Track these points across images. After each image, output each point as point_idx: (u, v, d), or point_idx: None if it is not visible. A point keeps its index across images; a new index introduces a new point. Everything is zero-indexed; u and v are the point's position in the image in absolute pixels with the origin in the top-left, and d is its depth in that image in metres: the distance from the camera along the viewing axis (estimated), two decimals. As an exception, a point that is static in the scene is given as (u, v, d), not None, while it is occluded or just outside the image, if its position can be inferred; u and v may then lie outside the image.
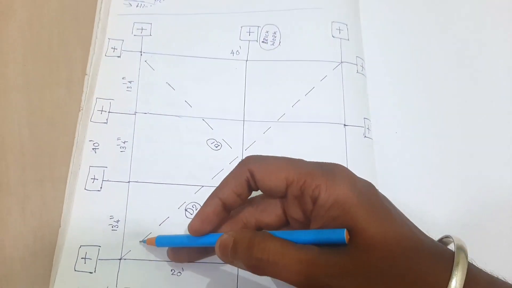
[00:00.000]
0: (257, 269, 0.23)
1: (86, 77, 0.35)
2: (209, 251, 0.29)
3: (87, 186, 0.31)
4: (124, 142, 0.33)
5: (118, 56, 0.36)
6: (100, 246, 0.30)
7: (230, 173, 0.26)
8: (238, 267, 0.28)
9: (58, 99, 0.35)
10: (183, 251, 0.29)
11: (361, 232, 0.22)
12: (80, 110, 0.34)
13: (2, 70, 0.35)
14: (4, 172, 0.32)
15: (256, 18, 0.37)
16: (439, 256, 0.22)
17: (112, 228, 0.30)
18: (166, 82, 0.35)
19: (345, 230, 0.22)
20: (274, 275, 0.23)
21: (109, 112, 0.34)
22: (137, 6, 0.37)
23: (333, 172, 0.24)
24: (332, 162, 0.25)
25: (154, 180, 0.32)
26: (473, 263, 0.22)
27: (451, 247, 0.22)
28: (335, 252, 0.22)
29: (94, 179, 0.32)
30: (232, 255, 0.24)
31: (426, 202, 0.33)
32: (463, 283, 0.20)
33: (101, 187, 0.31)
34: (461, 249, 0.21)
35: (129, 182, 0.32)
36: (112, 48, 0.36)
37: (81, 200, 0.31)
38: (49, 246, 0.30)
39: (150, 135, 0.33)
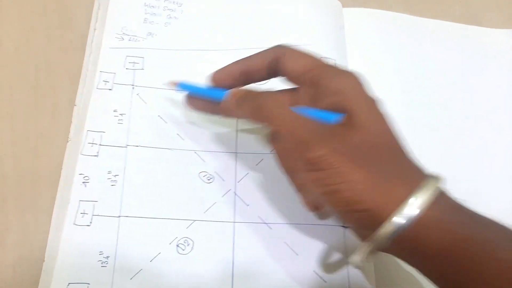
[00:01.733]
0: (257, 113, 0.27)
1: (75, 108, 0.35)
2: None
3: (76, 221, 0.31)
4: (115, 176, 0.32)
5: (109, 89, 0.35)
6: (89, 284, 0.29)
7: (261, 51, 0.30)
8: (238, 116, 0.31)
9: (43, 129, 0.34)
10: (199, 101, 0.32)
11: (356, 115, 0.25)
12: (68, 141, 0.34)
13: None
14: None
15: (247, 54, 0.38)
16: (416, 169, 0.25)
17: (102, 265, 0.30)
18: (158, 115, 0.35)
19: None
20: (269, 121, 0.26)
21: (100, 144, 0.33)
22: (129, 40, 0.38)
23: (345, 72, 0.28)
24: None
25: (145, 214, 0.31)
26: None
27: None
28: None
29: (83, 213, 0.31)
30: (239, 101, 0.28)
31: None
32: (425, 202, 0.22)
33: (90, 222, 0.31)
34: (435, 177, 0.24)
35: (119, 216, 0.31)
36: (104, 81, 0.36)
37: (70, 235, 0.30)
38: (30, 281, 0.29)
39: (142, 168, 0.33)
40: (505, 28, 0.43)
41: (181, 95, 0.36)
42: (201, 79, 0.37)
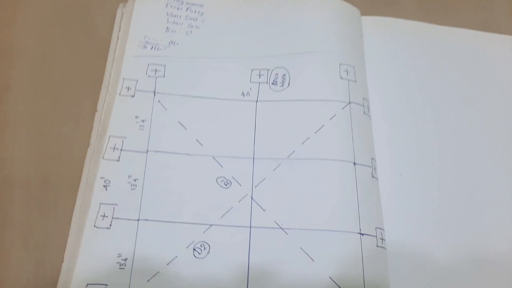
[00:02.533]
0: None
1: (97, 114, 0.36)
2: None
3: (96, 223, 0.31)
4: (135, 180, 0.33)
5: (132, 96, 0.36)
6: (107, 285, 0.29)
7: None
8: None
9: (66, 135, 0.36)
10: None
11: None
12: (89, 146, 0.35)
13: (13, 104, 0.37)
14: (9, 205, 0.33)
15: (266, 61, 0.38)
16: None
17: (120, 267, 0.30)
18: (178, 122, 0.36)
19: None
20: None
21: (121, 149, 0.34)
22: (151, 48, 0.39)
23: None
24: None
25: (164, 218, 0.32)
26: None
27: None
28: None
29: (104, 216, 0.32)
30: None
31: (429, 243, 0.33)
32: None
33: (110, 225, 0.31)
34: None
35: (138, 220, 0.32)
36: (126, 87, 0.37)
37: (90, 237, 0.31)
38: (50, 282, 0.30)
39: (161, 173, 0.34)
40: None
41: (201, 102, 0.36)
42: (219, 86, 0.37)
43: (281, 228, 0.32)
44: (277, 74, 0.37)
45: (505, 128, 0.38)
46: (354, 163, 0.33)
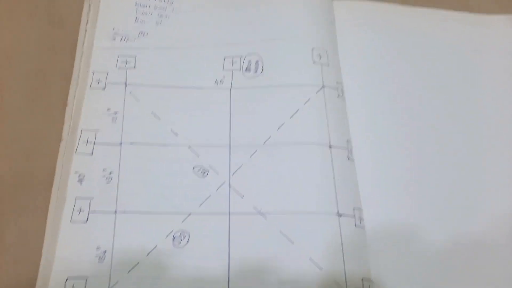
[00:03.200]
0: None
1: (68, 107, 0.35)
2: None
3: (73, 218, 0.31)
4: (110, 173, 0.33)
5: (103, 88, 0.36)
6: (87, 278, 0.29)
7: None
8: None
9: (37, 130, 0.35)
10: None
11: None
12: (61, 141, 0.34)
13: None
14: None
15: (239, 48, 0.38)
16: None
17: (100, 259, 0.30)
18: (152, 112, 0.35)
19: None
20: None
21: (94, 143, 0.34)
22: (121, 40, 0.38)
23: None
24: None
25: (141, 209, 0.32)
26: None
27: None
28: None
29: (80, 210, 0.31)
30: None
31: (407, 222, 0.33)
32: None
33: (87, 219, 0.31)
34: None
35: (115, 212, 0.31)
36: (96, 80, 0.36)
37: (67, 232, 0.30)
38: (30, 278, 0.29)
39: (136, 165, 0.33)
40: (497, 13, 0.43)
41: (174, 92, 0.36)
42: (192, 75, 0.37)
43: (260, 213, 0.32)
44: (250, 61, 0.37)
45: (481, 108, 0.39)
46: (330, 146, 0.34)
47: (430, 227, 0.33)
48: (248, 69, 0.37)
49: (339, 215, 0.32)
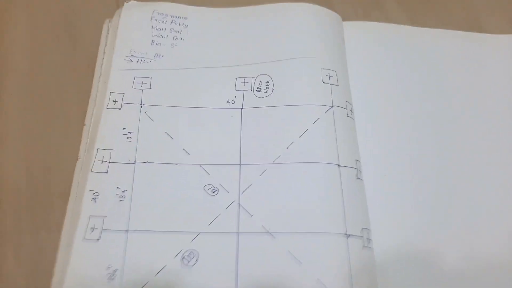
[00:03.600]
0: None
1: (85, 127, 0.37)
2: None
3: (86, 236, 0.32)
4: (123, 191, 0.34)
5: (119, 109, 0.37)
6: (97, 296, 0.30)
7: None
8: None
9: (55, 148, 0.36)
10: None
11: None
12: (78, 159, 0.35)
13: (3, 119, 0.37)
14: (1, 220, 0.33)
15: (250, 69, 0.39)
16: None
17: (110, 278, 0.30)
18: (165, 132, 0.36)
19: None
20: None
21: (109, 162, 0.35)
22: (137, 61, 0.39)
23: None
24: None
25: (152, 228, 0.32)
26: None
27: None
28: None
29: (93, 228, 0.32)
30: None
31: (416, 242, 0.33)
32: None
33: (100, 237, 0.32)
34: None
35: (127, 231, 0.32)
36: (113, 101, 0.37)
37: (79, 249, 0.31)
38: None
39: (149, 184, 0.34)
40: (510, 33, 0.43)
41: (186, 112, 0.37)
42: (205, 95, 0.38)
43: (268, 232, 0.32)
44: (261, 81, 0.38)
45: (489, 127, 0.38)
46: (339, 165, 0.34)
47: (441, 249, 0.33)
48: (259, 89, 0.38)
49: (347, 235, 0.32)
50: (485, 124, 0.38)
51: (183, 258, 0.31)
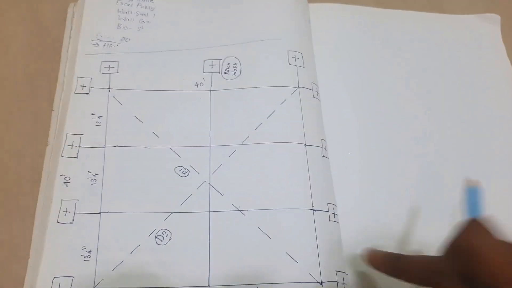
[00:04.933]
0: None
1: (53, 112, 0.37)
2: None
3: (59, 219, 0.32)
4: (94, 175, 0.34)
5: (87, 93, 0.37)
6: (73, 277, 0.30)
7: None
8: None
9: (24, 134, 0.36)
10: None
11: None
12: (47, 145, 0.35)
13: None
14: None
15: (218, 52, 0.40)
16: None
17: (85, 259, 0.31)
18: (134, 116, 0.36)
19: None
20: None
21: (79, 146, 0.35)
22: (104, 45, 0.39)
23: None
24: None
25: (125, 210, 0.33)
26: None
27: None
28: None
29: (66, 212, 0.32)
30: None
31: (380, 215, 0.35)
32: None
33: (73, 220, 0.32)
34: None
35: (100, 213, 0.33)
36: (81, 85, 0.37)
37: (54, 232, 0.32)
38: (18, 277, 0.31)
39: (120, 167, 0.34)
40: (469, 13, 0.45)
41: (155, 95, 0.37)
42: (173, 78, 0.38)
43: (239, 210, 0.33)
44: (228, 64, 0.39)
45: (454, 106, 0.40)
46: (305, 145, 0.35)
47: (402, 218, 0.35)
48: (227, 71, 0.38)
49: (314, 210, 0.33)
50: (448, 100, 0.40)
51: (157, 237, 0.32)
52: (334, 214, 0.34)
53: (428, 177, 0.37)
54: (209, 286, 0.31)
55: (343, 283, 0.32)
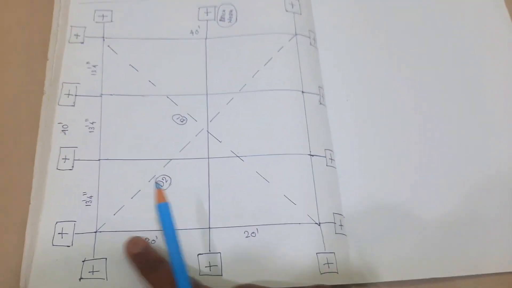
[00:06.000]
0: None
1: (48, 62, 0.36)
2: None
3: (59, 166, 0.32)
4: (92, 123, 0.34)
5: (81, 42, 0.37)
6: (75, 221, 0.31)
7: None
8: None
9: (20, 82, 0.36)
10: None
11: None
12: (43, 94, 0.35)
13: None
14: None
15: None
16: None
17: (86, 204, 0.32)
18: (130, 64, 0.36)
19: None
20: None
21: (75, 95, 0.35)
22: (97, -7, 0.38)
23: None
24: None
25: (124, 156, 0.33)
26: None
27: None
28: None
29: (65, 159, 0.33)
30: None
31: (376, 160, 0.35)
32: None
33: (72, 166, 0.33)
34: None
35: (99, 160, 0.33)
36: (75, 35, 0.37)
37: (54, 179, 0.32)
38: (20, 222, 0.31)
39: (117, 115, 0.35)
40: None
41: (150, 44, 0.37)
42: (168, 26, 0.38)
43: (237, 156, 0.33)
44: (224, 11, 0.38)
45: (452, 55, 0.40)
46: (302, 92, 0.35)
47: (398, 165, 0.35)
48: (222, 18, 0.38)
49: (311, 155, 0.34)
50: (450, 52, 0.40)
51: (157, 182, 0.33)
52: (331, 159, 0.34)
53: (425, 124, 0.37)
54: (209, 227, 0.31)
55: (340, 225, 0.33)
